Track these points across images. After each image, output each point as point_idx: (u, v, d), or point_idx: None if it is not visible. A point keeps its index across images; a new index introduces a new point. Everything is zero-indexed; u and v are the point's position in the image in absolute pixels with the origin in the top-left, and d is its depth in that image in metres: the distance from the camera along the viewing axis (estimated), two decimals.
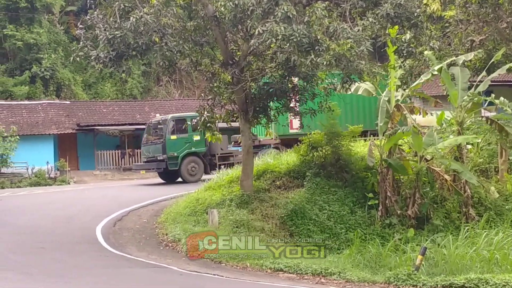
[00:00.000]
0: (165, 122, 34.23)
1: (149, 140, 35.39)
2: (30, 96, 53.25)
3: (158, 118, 36.24)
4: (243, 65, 21.06)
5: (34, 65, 54.17)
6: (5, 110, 47.89)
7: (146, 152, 35.38)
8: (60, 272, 14.83)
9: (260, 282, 15.04)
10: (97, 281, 14.18)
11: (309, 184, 22.57)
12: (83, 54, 20.07)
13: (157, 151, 33.96)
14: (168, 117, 34.89)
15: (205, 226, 20.10)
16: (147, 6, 19.51)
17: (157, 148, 34.10)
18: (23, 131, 45.30)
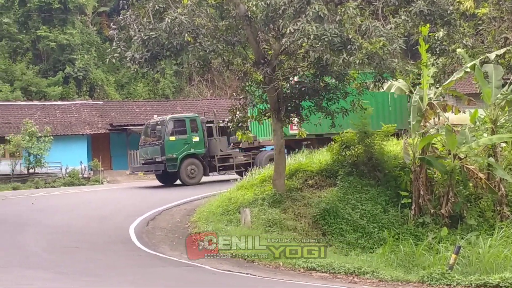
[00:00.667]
0: (163, 123, 33.22)
1: (146, 142, 34.36)
2: (63, 97, 53.70)
3: (157, 119, 35.18)
4: (275, 64, 21.05)
5: (67, 65, 54.61)
6: (39, 110, 48.36)
7: (144, 153, 34.29)
8: (94, 271, 14.91)
9: (293, 281, 15.00)
10: (131, 280, 14.22)
11: (341, 183, 22.50)
12: (119, 55, 20.25)
13: (156, 153, 32.99)
14: (166, 118, 33.85)
15: (237, 226, 20.12)
16: (180, 7, 19.59)
17: (155, 149, 33.09)
18: (57, 131, 45.72)
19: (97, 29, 60.30)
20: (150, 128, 33.69)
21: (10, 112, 47.54)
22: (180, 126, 33.28)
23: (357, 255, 18.88)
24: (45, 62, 56.61)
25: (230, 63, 22.55)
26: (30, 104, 49.56)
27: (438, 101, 22.40)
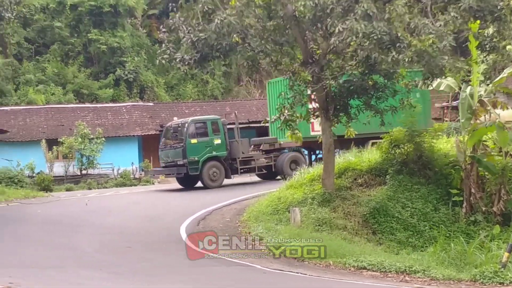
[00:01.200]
0: (185, 126, 32.40)
1: (167, 144, 33.60)
2: (114, 99, 54.32)
3: (178, 122, 34.59)
4: (323, 64, 20.99)
5: (118, 68, 55.24)
6: (91, 112, 48.97)
7: (165, 156, 33.43)
8: (147, 271, 15.04)
9: (343, 280, 14.95)
10: (183, 279, 14.31)
11: (391, 182, 22.36)
12: (168, 56, 20.44)
13: (177, 156, 32.09)
14: (188, 120, 33.05)
15: (287, 225, 20.10)
16: (229, 8, 19.69)
17: (176, 152, 32.23)
18: (109, 133, 46.25)
19: (146, 31, 60.84)
20: (171, 131, 33.25)
21: (63, 115, 48.23)
22: (202, 128, 32.67)
23: (408, 253, 18.76)
24: (97, 65, 57.32)
25: (278, 63, 22.56)
26: (82, 107, 50.22)
27: (489, 98, 22.08)
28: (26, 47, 56.29)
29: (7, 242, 18.60)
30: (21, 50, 55.52)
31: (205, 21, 19.74)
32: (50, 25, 56.41)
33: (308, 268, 16.14)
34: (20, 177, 37.22)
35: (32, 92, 52.69)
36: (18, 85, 53.81)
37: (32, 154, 42.61)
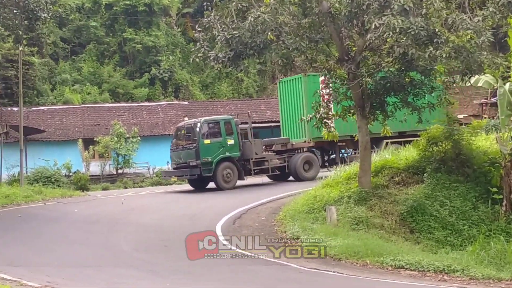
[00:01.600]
0: (197, 126, 31.02)
1: (179, 145, 32.26)
2: (149, 98, 54.61)
3: (190, 122, 33.22)
4: (359, 60, 20.90)
5: (153, 67, 55.51)
6: (127, 112, 49.27)
7: (176, 158, 32.00)
8: (184, 270, 15.05)
9: (381, 280, 14.86)
10: (220, 278, 14.31)
11: (429, 180, 22.16)
12: (202, 55, 20.48)
13: (190, 157, 30.69)
14: (201, 120, 31.73)
15: (323, 224, 20.04)
16: (263, 5, 19.66)
17: (189, 153, 30.85)
18: (144, 132, 46.52)
19: (181, 30, 61.04)
20: (185, 131, 31.90)
21: (99, 114, 48.60)
22: (215, 128, 31.44)
23: (447, 252, 18.60)
24: (132, 64, 57.66)
25: (314, 60, 22.55)
26: (117, 106, 50.54)
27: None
28: (62, 47, 56.85)
29: (44, 241, 18.78)
30: (57, 50, 56.07)
31: (239, 19, 19.76)
32: (85, 25, 56.89)
33: (344, 267, 16.06)
34: (57, 176, 37.54)
35: (68, 91, 53.16)
36: (55, 85, 54.32)
37: (69, 153, 43.04)
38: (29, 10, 27.41)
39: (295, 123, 33.61)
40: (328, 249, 17.29)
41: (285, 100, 34.86)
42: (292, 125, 34.25)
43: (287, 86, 35.05)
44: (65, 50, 57.17)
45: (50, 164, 39.55)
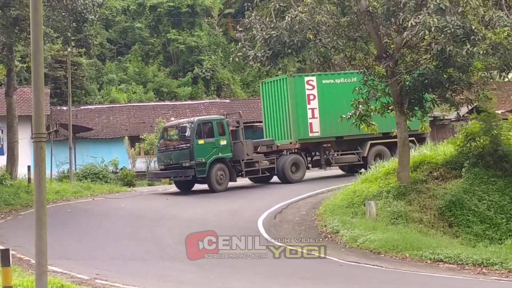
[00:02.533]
0: (191, 126, 28.53)
1: (168, 146, 29.59)
2: (192, 96, 54.87)
3: (182, 122, 30.36)
4: (397, 58, 20.82)
5: (195, 66, 55.79)
6: (171, 110, 49.57)
7: (166, 159, 29.23)
8: (228, 263, 15.09)
9: (420, 273, 14.82)
10: (263, 271, 14.36)
11: (467, 175, 21.98)
12: (242, 54, 20.59)
13: (183, 157, 28.08)
14: (194, 120, 29.22)
15: (362, 218, 20.01)
16: (301, 5, 19.70)
17: (182, 153, 28.20)
18: None
19: (223, 30, 61.25)
20: (178, 131, 29.15)
21: (144, 112, 48.99)
22: (208, 128, 28.94)
23: (485, 246, 18.47)
24: (175, 64, 58.00)
25: (352, 58, 22.53)
26: (162, 104, 50.87)
27: None
28: (109, 47, 57.41)
29: (93, 235, 19.02)
30: (104, 50, 56.63)
31: (278, 19, 19.83)
32: (131, 26, 57.39)
33: (384, 261, 16.05)
34: (105, 172, 37.90)
35: (115, 91, 53.67)
36: (102, 84, 54.89)
37: (116, 150, 43.46)
38: (77, 13, 27.71)
39: (280, 125, 31.94)
40: (368, 243, 17.31)
41: (269, 101, 32.91)
42: (277, 126, 32.15)
43: (271, 87, 33.02)
44: (111, 51, 57.73)
45: (98, 161, 39.94)
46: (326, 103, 30.50)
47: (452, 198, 20.88)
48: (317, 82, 30.79)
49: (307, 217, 21.71)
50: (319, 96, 30.72)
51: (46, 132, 8.02)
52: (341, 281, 13.58)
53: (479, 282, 14.32)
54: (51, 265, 12.74)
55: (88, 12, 28.05)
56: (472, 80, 21.55)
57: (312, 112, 30.05)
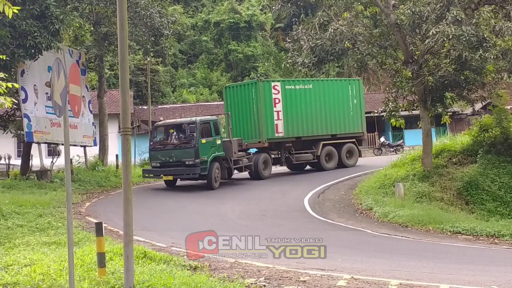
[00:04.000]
0: (195, 125, 24.48)
1: (166, 144, 25.02)
2: None
3: (185, 121, 25.70)
4: (421, 62, 20.65)
5: (251, 72, 55.81)
6: None
7: (163, 156, 24.73)
8: (280, 235, 15.15)
9: (441, 243, 14.72)
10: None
11: (481, 160, 21.73)
12: (291, 61, 20.68)
13: (187, 156, 24.18)
14: (197, 120, 24.82)
15: (392, 197, 19.96)
16: (341, 19, 19.72)
17: (186, 152, 24.22)
18: None
19: (274, 41, 61.16)
20: (185, 130, 24.63)
21: (210, 110, 49.17)
22: (207, 128, 25.00)
23: (497, 220, 18.30)
24: (235, 70, 58.15)
25: (383, 63, 22.45)
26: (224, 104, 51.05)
27: None
28: (180, 57, 57.85)
29: (169, 211, 19.20)
30: (177, 60, 57.09)
31: (321, 31, 19.87)
32: (198, 39, 57.73)
33: (410, 233, 15.98)
34: None
35: (186, 93, 54.10)
36: (175, 87, 55.38)
37: None
38: (155, 29, 28.06)
39: (248, 125, 28.40)
40: (397, 218, 17.24)
41: (235, 103, 28.96)
42: (244, 127, 28.51)
43: (237, 91, 29.19)
44: (182, 60, 58.17)
45: None
46: (289, 106, 28.43)
47: (468, 180, 20.74)
48: (281, 87, 28.49)
49: (346, 196, 21.68)
50: (283, 100, 28.30)
51: (130, 127, 8.18)
52: (375, 249, 13.55)
53: (491, 250, 14.21)
54: (136, 235, 12.97)
55: (164, 28, 28.38)
56: (485, 81, 21.31)
57: (277, 114, 28.02)
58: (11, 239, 12.61)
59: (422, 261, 11.87)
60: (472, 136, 23.40)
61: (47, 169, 25.03)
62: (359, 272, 9.70)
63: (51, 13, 20.73)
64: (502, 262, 12.44)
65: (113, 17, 26.89)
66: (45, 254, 10.54)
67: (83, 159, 29.59)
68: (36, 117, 23.87)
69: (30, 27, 20.29)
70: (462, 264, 11.86)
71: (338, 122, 29.70)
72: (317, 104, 29.15)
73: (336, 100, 29.81)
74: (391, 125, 25.07)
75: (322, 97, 29.32)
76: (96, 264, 8.52)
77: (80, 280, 8.06)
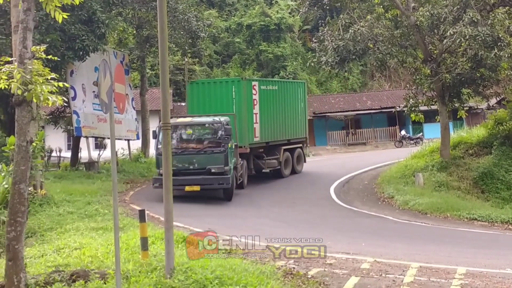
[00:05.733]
0: (222, 126, 18.44)
1: (182, 148, 18.51)
2: None
3: (206, 120, 19.04)
4: (439, 61, 20.43)
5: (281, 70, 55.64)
6: None
7: (181, 162, 18.14)
8: (308, 221, 15.19)
9: (458, 229, 14.62)
10: (335, 226, 14.39)
11: (496, 152, 21.47)
12: (316, 60, 20.62)
13: (213, 162, 18.02)
14: (222, 121, 18.73)
15: (412, 186, 19.82)
16: (363, 21, 19.61)
17: (213, 157, 18.08)
18: None
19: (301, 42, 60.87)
20: (212, 130, 18.64)
21: None
22: (229, 130, 18.56)
23: (511, 208, 18.03)
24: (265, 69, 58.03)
25: (404, 61, 22.31)
26: None
27: None
28: (215, 57, 57.93)
29: (205, 198, 19.03)
30: (212, 60, 57.19)
31: (344, 32, 19.78)
32: (232, 41, 57.73)
33: (429, 219, 15.88)
34: None
35: None
36: None
37: None
38: (192, 32, 28.11)
39: None
40: (417, 206, 17.11)
41: (192, 100, 22.45)
42: None
43: (210, 88, 22.26)
44: (217, 60, 58.25)
45: None
46: (263, 108, 22.34)
47: (484, 170, 20.55)
48: (258, 87, 22.30)
49: (369, 185, 21.56)
50: (259, 101, 22.19)
51: (170, 123, 8.21)
52: (396, 234, 13.48)
53: (505, 235, 14.08)
54: (175, 221, 13.07)
55: (200, 31, 28.43)
56: (499, 78, 21.03)
57: (255, 117, 21.91)
58: (62, 224, 12.79)
59: (440, 246, 11.77)
60: (487, 129, 23.11)
61: (94, 161, 25.32)
62: (381, 256, 9.66)
63: (97, 18, 20.92)
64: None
65: (154, 21, 27.02)
66: (93, 238, 10.68)
67: (127, 151, 29.86)
68: (84, 114, 24.14)
69: (79, 31, 20.49)
70: (478, 248, 11.74)
71: (293, 126, 24.55)
72: (280, 107, 23.78)
73: (292, 103, 24.69)
74: (411, 119, 24.73)
75: (283, 100, 23.98)
76: (139, 248, 8.60)
77: (125, 262, 8.15)
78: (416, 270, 8.50)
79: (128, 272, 7.60)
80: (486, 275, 8.13)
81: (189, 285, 7.04)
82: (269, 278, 7.45)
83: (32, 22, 6.92)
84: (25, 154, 6.82)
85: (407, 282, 7.73)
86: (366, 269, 8.64)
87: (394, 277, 8.08)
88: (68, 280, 7.42)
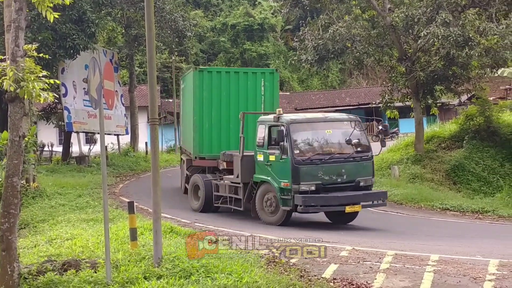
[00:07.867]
0: (359, 123, 13.56)
1: (330, 152, 12.84)
2: None
3: (343, 117, 14.13)
4: (414, 59, 20.51)
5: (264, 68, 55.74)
6: None
7: (328, 173, 12.45)
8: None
9: (431, 218, 14.76)
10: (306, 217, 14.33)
11: (467, 145, 21.64)
12: (297, 58, 20.65)
13: (363, 172, 12.99)
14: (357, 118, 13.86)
15: (388, 178, 19.93)
16: (342, 21, 19.68)
17: (362, 166, 13.03)
18: None
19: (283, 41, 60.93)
20: (352, 130, 13.13)
21: None
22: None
23: (481, 198, 18.28)
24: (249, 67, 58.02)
25: (380, 60, 22.42)
26: None
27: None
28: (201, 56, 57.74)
29: None
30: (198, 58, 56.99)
31: (323, 32, 19.86)
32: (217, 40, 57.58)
33: (404, 209, 16.03)
34: None
35: None
36: None
37: None
38: (178, 31, 28.01)
39: None
40: (393, 196, 17.19)
41: (210, 95, 15.82)
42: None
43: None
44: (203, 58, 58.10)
45: None
46: None
47: (455, 163, 20.71)
48: None
49: None
50: None
51: (158, 118, 8.19)
52: (373, 224, 13.54)
53: (476, 224, 14.21)
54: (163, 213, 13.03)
55: (186, 30, 28.34)
56: (470, 75, 21.16)
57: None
58: (54, 216, 12.71)
59: (415, 234, 11.86)
60: (458, 124, 23.26)
61: (85, 155, 25.18)
62: (359, 244, 9.70)
63: (87, 17, 20.76)
64: (485, 234, 12.41)
65: (142, 21, 26.88)
66: (84, 229, 10.63)
67: (117, 146, 29.73)
68: (75, 110, 23.97)
69: (69, 30, 20.32)
70: (450, 236, 11.85)
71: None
72: None
73: None
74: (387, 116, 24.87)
75: None
76: (128, 238, 8.58)
77: (115, 252, 8.12)
78: (392, 257, 8.55)
79: (118, 262, 7.57)
80: (457, 261, 8.20)
81: (176, 274, 7.03)
82: (252, 266, 7.46)
83: (24, 21, 6.85)
84: (17, 149, 6.76)
85: (383, 269, 7.78)
86: (344, 256, 8.68)
87: (371, 263, 8.13)
88: (60, 269, 7.38)
